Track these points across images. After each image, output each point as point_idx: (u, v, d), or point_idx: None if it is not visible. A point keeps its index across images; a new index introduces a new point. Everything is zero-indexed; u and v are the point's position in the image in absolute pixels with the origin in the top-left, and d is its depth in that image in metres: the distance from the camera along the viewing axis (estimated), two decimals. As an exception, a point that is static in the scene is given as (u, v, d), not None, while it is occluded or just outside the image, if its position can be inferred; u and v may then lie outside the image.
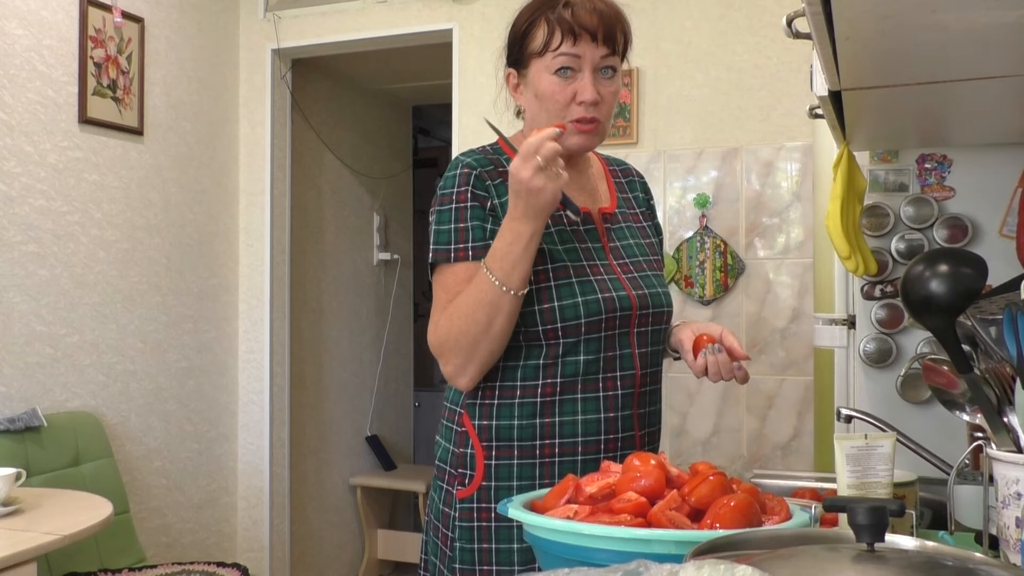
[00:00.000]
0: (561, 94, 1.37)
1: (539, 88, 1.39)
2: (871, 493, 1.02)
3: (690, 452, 3.01)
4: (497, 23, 3.37)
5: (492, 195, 1.39)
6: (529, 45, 1.40)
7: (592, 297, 1.37)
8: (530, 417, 1.37)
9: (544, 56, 1.37)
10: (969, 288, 1.09)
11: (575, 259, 1.39)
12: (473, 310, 1.31)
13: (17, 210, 2.79)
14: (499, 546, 1.37)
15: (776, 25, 2.82)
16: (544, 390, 1.37)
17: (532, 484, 1.36)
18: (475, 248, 1.37)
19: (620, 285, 1.41)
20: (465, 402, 1.42)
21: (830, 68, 1.15)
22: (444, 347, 1.35)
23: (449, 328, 1.34)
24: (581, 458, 1.37)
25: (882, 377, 1.89)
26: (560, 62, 1.36)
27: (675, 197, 3.09)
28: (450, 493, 1.41)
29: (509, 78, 1.46)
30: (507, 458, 1.38)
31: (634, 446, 1.42)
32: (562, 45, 1.36)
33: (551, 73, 1.37)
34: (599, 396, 1.38)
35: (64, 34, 2.96)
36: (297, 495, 3.96)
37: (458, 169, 1.41)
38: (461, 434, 1.42)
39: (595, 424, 1.38)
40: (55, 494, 2.39)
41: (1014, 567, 0.82)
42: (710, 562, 0.58)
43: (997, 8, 0.90)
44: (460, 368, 1.35)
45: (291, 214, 3.88)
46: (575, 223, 1.43)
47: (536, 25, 1.39)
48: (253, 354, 3.74)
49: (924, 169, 1.87)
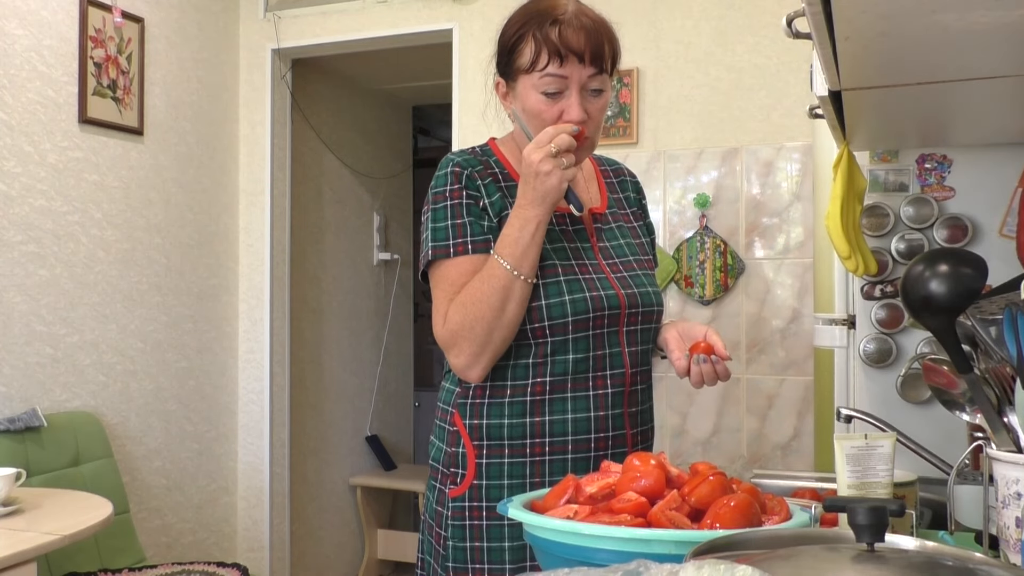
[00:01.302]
0: (548, 113, 1.37)
1: (526, 104, 1.39)
2: (871, 493, 1.02)
3: (690, 452, 3.01)
4: (497, 23, 3.33)
5: (483, 194, 1.41)
6: (517, 60, 1.39)
7: (579, 296, 1.37)
8: (520, 416, 1.38)
9: (531, 74, 1.37)
10: (969, 288, 1.09)
11: (563, 258, 1.40)
12: (487, 295, 1.32)
13: (17, 210, 2.79)
14: (491, 544, 1.38)
15: (776, 25, 2.82)
16: (534, 389, 1.38)
17: (523, 482, 1.38)
18: (474, 242, 1.38)
19: (609, 284, 1.41)
20: (456, 401, 1.43)
21: (830, 68, 1.15)
22: (457, 336, 1.35)
23: (464, 316, 1.33)
24: (571, 456, 1.38)
25: (882, 377, 1.89)
26: (546, 83, 1.36)
27: (675, 197, 3.09)
28: (443, 492, 1.43)
29: (498, 87, 1.46)
30: (498, 457, 1.39)
31: (625, 445, 1.43)
32: (548, 66, 1.35)
33: (538, 92, 1.37)
34: (589, 395, 1.39)
35: (64, 34, 2.96)
36: (297, 495, 3.96)
37: (448, 168, 1.42)
38: (453, 433, 1.43)
39: (585, 423, 1.39)
40: (55, 494, 2.39)
41: (1014, 567, 0.82)
42: (710, 562, 0.58)
43: (997, 8, 0.90)
44: (474, 358, 1.35)
45: (291, 214, 3.88)
46: (564, 223, 1.44)
47: (524, 40, 1.38)
48: (253, 354, 3.74)
49: (924, 169, 1.87)
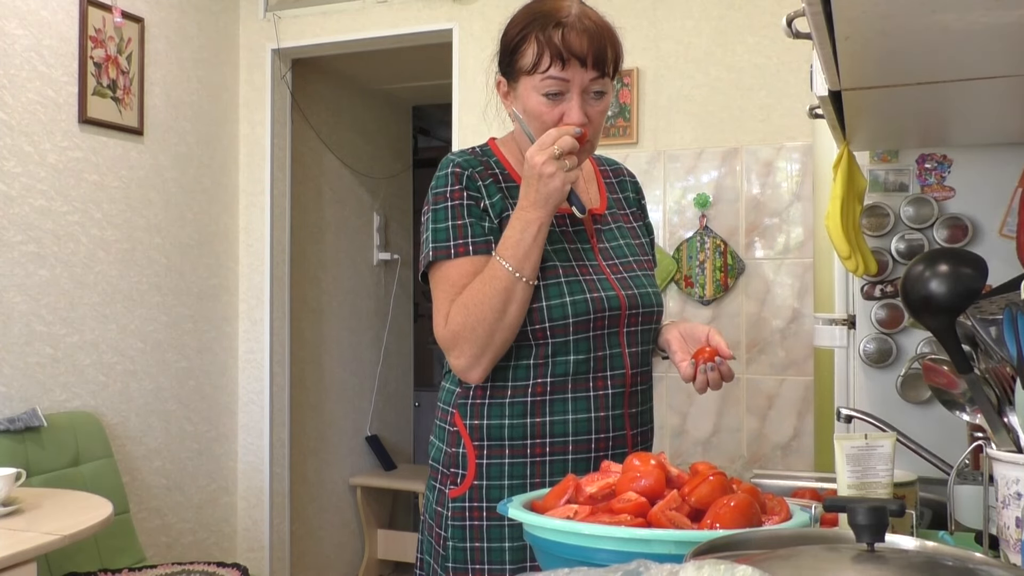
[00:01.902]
0: (549, 115, 1.37)
1: (527, 106, 1.39)
2: (871, 493, 1.02)
3: (690, 452, 3.01)
4: (497, 23, 3.32)
5: (484, 195, 1.41)
6: (519, 61, 1.39)
7: (580, 297, 1.37)
8: (521, 416, 1.38)
9: (533, 76, 1.37)
10: (969, 288, 1.09)
11: (564, 259, 1.40)
12: (489, 296, 1.32)
13: (17, 210, 2.79)
14: (491, 545, 1.38)
15: (776, 25, 2.82)
16: (535, 390, 1.38)
17: (523, 483, 1.38)
18: (475, 243, 1.38)
19: (609, 285, 1.41)
20: (457, 402, 1.43)
21: (830, 68, 1.15)
22: (459, 337, 1.35)
23: (465, 317, 1.34)
24: (572, 457, 1.38)
25: (882, 377, 1.89)
26: (548, 85, 1.36)
27: (675, 197, 3.09)
28: (443, 492, 1.43)
29: (500, 86, 1.46)
30: (498, 457, 1.39)
31: (625, 445, 1.43)
32: (550, 69, 1.35)
33: (539, 94, 1.37)
34: (590, 396, 1.39)
35: (64, 34, 2.96)
36: (297, 495, 3.96)
37: (449, 168, 1.42)
38: (453, 434, 1.43)
39: (586, 423, 1.39)
40: (55, 494, 2.39)
41: (1014, 567, 0.82)
42: (710, 562, 0.58)
43: (997, 8, 0.90)
44: (474, 359, 1.35)
45: (291, 214, 3.88)
46: (565, 224, 1.44)
47: (527, 42, 1.38)
48: (253, 354, 3.74)
49: (924, 169, 1.87)
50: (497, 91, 1.47)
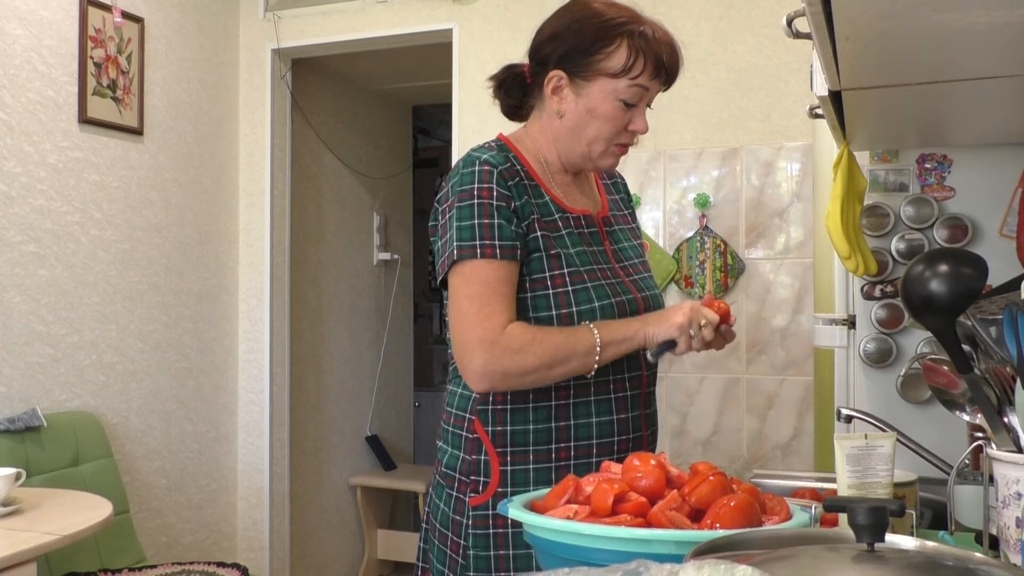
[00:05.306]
0: (619, 120, 1.37)
1: (599, 109, 1.37)
2: (871, 493, 1.02)
3: (690, 452, 3.01)
4: (497, 23, 3.37)
5: (514, 195, 1.36)
6: (602, 61, 1.35)
7: (607, 301, 1.37)
8: (545, 421, 1.37)
9: (618, 79, 1.35)
10: (969, 288, 1.09)
11: (586, 262, 1.39)
12: (560, 345, 1.30)
13: (17, 210, 2.79)
14: (516, 552, 1.35)
15: (776, 25, 2.82)
16: (558, 394, 1.37)
17: (548, 488, 1.35)
18: (503, 247, 1.33)
19: (626, 288, 1.42)
20: (476, 408, 1.39)
21: (830, 68, 1.15)
22: (511, 352, 1.30)
23: (530, 343, 1.30)
24: (596, 460, 1.36)
25: (882, 377, 1.88)
26: (633, 92, 1.36)
27: (675, 197, 3.09)
28: (461, 500, 1.39)
29: (553, 79, 1.39)
30: (522, 463, 1.37)
31: (642, 446, 1.43)
32: (641, 76, 1.35)
33: (617, 99, 1.36)
34: (611, 398, 1.39)
35: (64, 34, 2.95)
36: (297, 495, 3.96)
37: (477, 166, 1.35)
38: (473, 440, 1.39)
39: (609, 426, 1.39)
40: (55, 494, 2.39)
41: (1014, 567, 0.82)
42: (710, 562, 0.58)
43: (997, 8, 0.90)
44: (501, 380, 1.32)
45: (291, 214, 3.88)
46: (581, 226, 1.43)
47: (615, 43, 1.35)
48: (253, 354, 3.74)
49: (924, 169, 1.87)
50: (545, 85, 1.40)
